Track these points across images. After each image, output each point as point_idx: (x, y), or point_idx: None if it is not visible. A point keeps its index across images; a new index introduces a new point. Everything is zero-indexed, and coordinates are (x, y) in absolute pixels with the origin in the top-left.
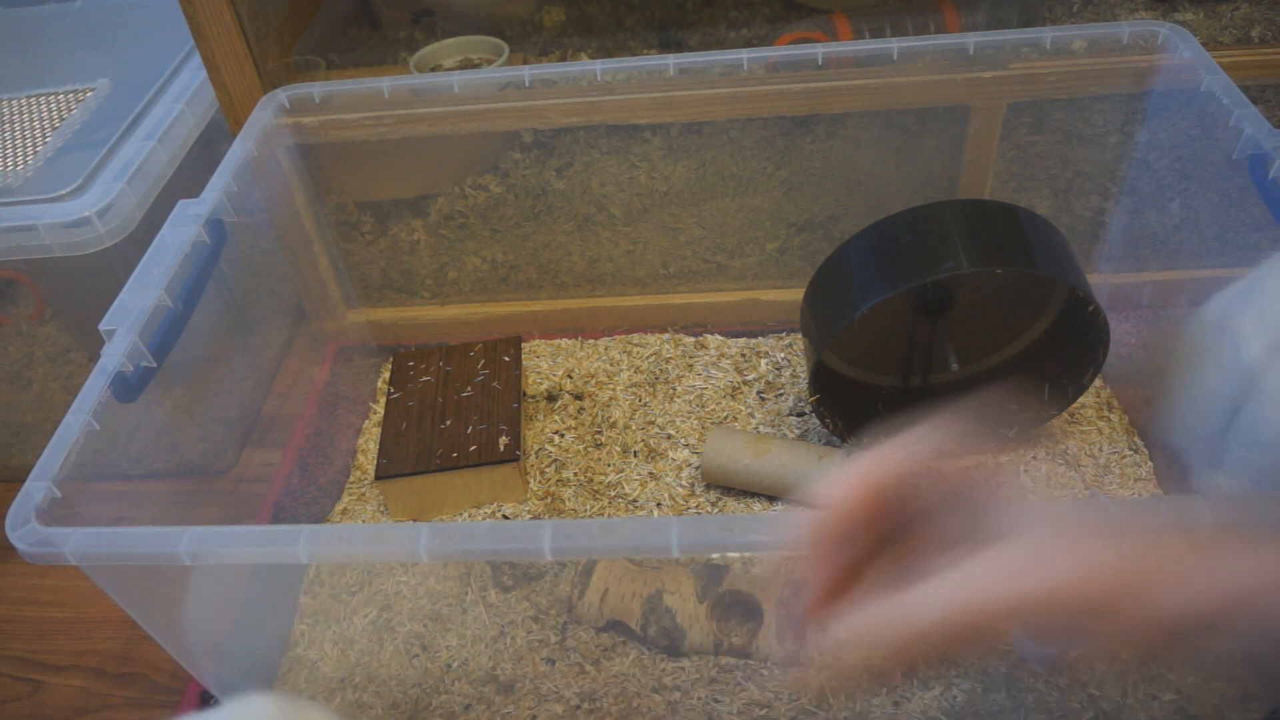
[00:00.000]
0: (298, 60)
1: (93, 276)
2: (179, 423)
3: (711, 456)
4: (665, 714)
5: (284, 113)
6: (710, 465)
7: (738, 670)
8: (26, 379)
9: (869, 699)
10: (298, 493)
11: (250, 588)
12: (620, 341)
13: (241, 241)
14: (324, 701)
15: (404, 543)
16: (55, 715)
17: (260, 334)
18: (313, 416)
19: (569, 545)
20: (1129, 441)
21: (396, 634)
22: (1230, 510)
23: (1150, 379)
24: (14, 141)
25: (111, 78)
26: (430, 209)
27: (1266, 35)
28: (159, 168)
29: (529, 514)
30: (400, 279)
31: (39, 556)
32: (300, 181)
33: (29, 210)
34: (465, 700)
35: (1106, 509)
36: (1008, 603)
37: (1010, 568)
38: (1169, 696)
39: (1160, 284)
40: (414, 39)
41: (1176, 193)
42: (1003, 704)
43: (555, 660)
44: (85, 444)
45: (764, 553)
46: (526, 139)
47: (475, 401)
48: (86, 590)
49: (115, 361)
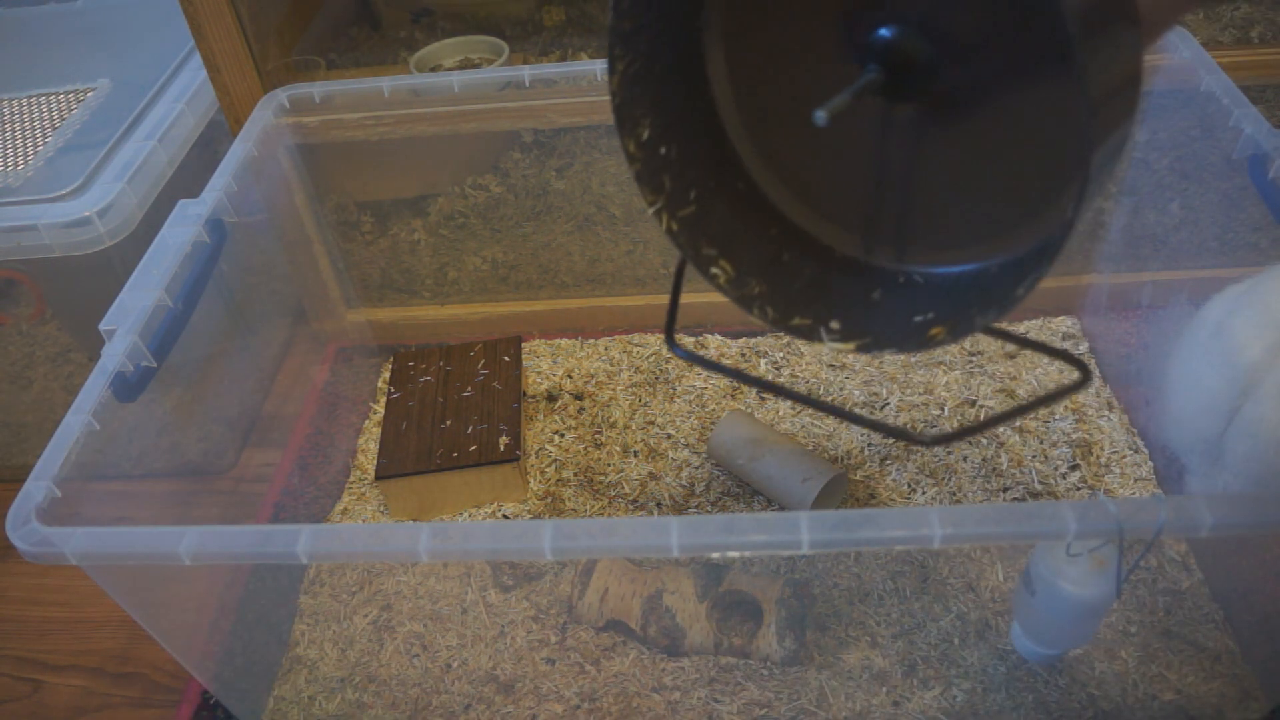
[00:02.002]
0: (298, 60)
1: (93, 276)
2: (179, 423)
3: (715, 449)
4: (665, 714)
5: (284, 113)
6: (714, 452)
7: (738, 670)
8: (26, 379)
9: (869, 699)
10: (298, 493)
11: (250, 588)
12: (620, 341)
13: (241, 241)
14: (324, 701)
15: (404, 543)
16: (55, 715)
17: (260, 334)
18: (313, 416)
19: (569, 545)
20: (1129, 441)
21: (396, 634)
22: (1230, 510)
23: (1150, 379)
24: (14, 141)
25: (111, 78)
26: (430, 209)
27: (1266, 35)
28: (159, 168)
29: (529, 514)
30: (400, 279)
31: (39, 556)
32: (300, 181)
33: (29, 210)
34: (465, 700)
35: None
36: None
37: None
38: (1169, 696)
39: (1160, 284)
40: (414, 39)
41: (1176, 193)
42: (1003, 704)
43: (555, 660)
44: (85, 444)
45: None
46: (526, 139)
47: (475, 401)
48: (86, 590)
49: (115, 361)
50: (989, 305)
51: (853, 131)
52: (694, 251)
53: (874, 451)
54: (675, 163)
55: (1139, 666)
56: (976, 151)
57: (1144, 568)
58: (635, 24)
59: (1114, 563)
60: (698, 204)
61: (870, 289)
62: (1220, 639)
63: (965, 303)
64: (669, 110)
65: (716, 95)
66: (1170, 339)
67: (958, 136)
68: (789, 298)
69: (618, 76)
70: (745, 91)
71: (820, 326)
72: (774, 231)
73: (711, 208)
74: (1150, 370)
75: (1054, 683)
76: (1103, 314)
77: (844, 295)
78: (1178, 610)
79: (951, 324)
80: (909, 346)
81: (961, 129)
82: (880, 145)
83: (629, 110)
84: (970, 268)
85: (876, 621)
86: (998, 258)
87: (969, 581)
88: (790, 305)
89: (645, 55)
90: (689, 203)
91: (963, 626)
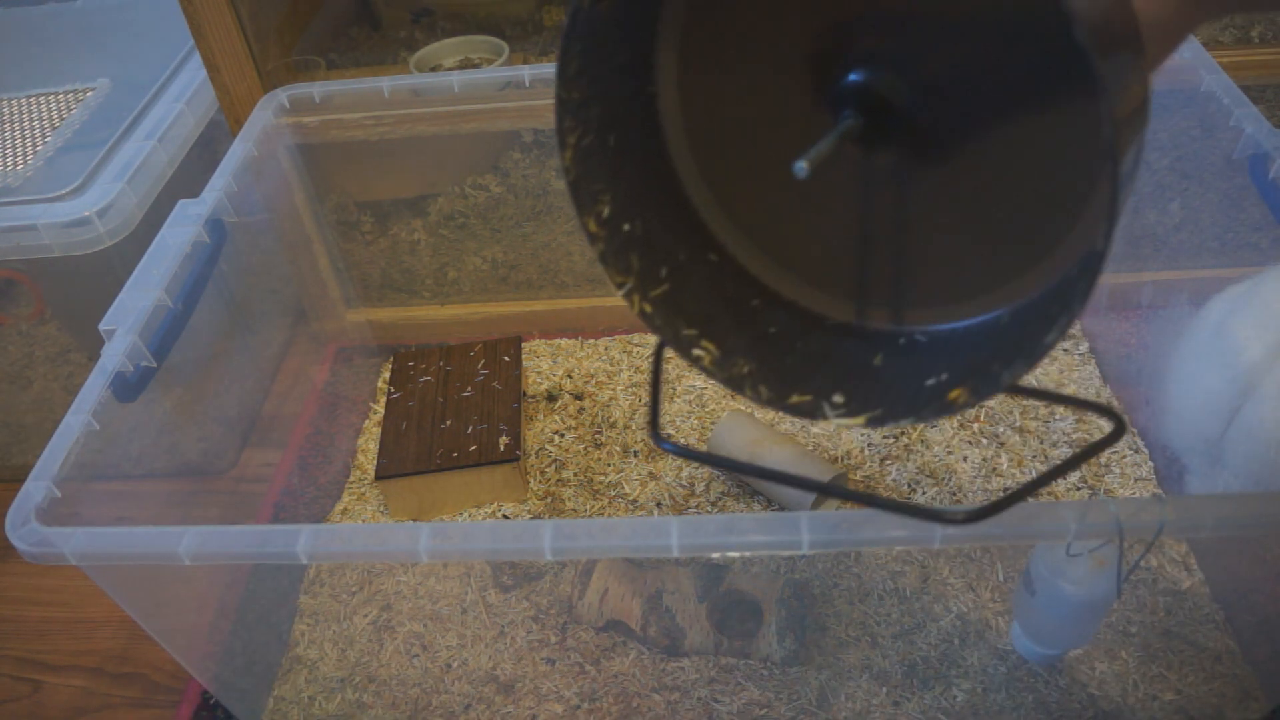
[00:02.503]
0: (298, 60)
1: (93, 276)
2: (179, 423)
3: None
4: (665, 714)
5: (284, 113)
6: (714, 452)
7: (738, 670)
8: (26, 379)
9: (869, 699)
10: (298, 493)
11: (250, 588)
12: (620, 341)
13: (241, 241)
14: (324, 701)
15: (404, 543)
16: (55, 715)
17: (260, 334)
18: (313, 416)
19: (569, 545)
20: (1129, 441)
21: (396, 634)
22: (1230, 510)
23: (1150, 379)
24: (14, 141)
25: (111, 78)
26: (430, 209)
27: (1266, 35)
28: (159, 168)
29: (529, 514)
30: (400, 279)
31: (39, 556)
32: (300, 181)
33: (29, 210)
34: (465, 700)
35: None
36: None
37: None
38: (1169, 696)
39: (1160, 284)
40: (414, 39)
41: (1176, 193)
42: (1003, 704)
43: (555, 660)
44: (85, 444)
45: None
46: (526, 139)
47: (475, 401)
48: (86, 590)
49: (115, 361)
50: (1013, 358)
51: (830, 186)
52: (673, 334)
53: (874, 451)
54: (642, 238)
55: (1139, 666)
56: (970, 192)
57: (1144, 568)
58: (585, 94)
59: (1114, 563)
60: (671, 281)
61: (870, 354)
62: (1220, 639)
63: (983, 358)
64: (630, 182)
65: (678, 163)
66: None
67: (948, 178)
68: (782, 374)
69: (570, 151)
70: (709, 156)
71: (823, 402)
72: (757, 303)
73: (686, 284)
74: (1150, 370)
75: (1054, 683)
76: (1103, 314)
77: (843, 365)
78: (1178, 610)
79: (973, 385)
80: (927, 414)
81: (952, 170)
82: (863, 197)
83: (586, 186)
84: (979, 320)
85: (876, 621)
86: (1007, 306)
87: (969, 581)
88: (785, 382)
89: (599, 126)
90: (661, 281)
91: (963, 626)
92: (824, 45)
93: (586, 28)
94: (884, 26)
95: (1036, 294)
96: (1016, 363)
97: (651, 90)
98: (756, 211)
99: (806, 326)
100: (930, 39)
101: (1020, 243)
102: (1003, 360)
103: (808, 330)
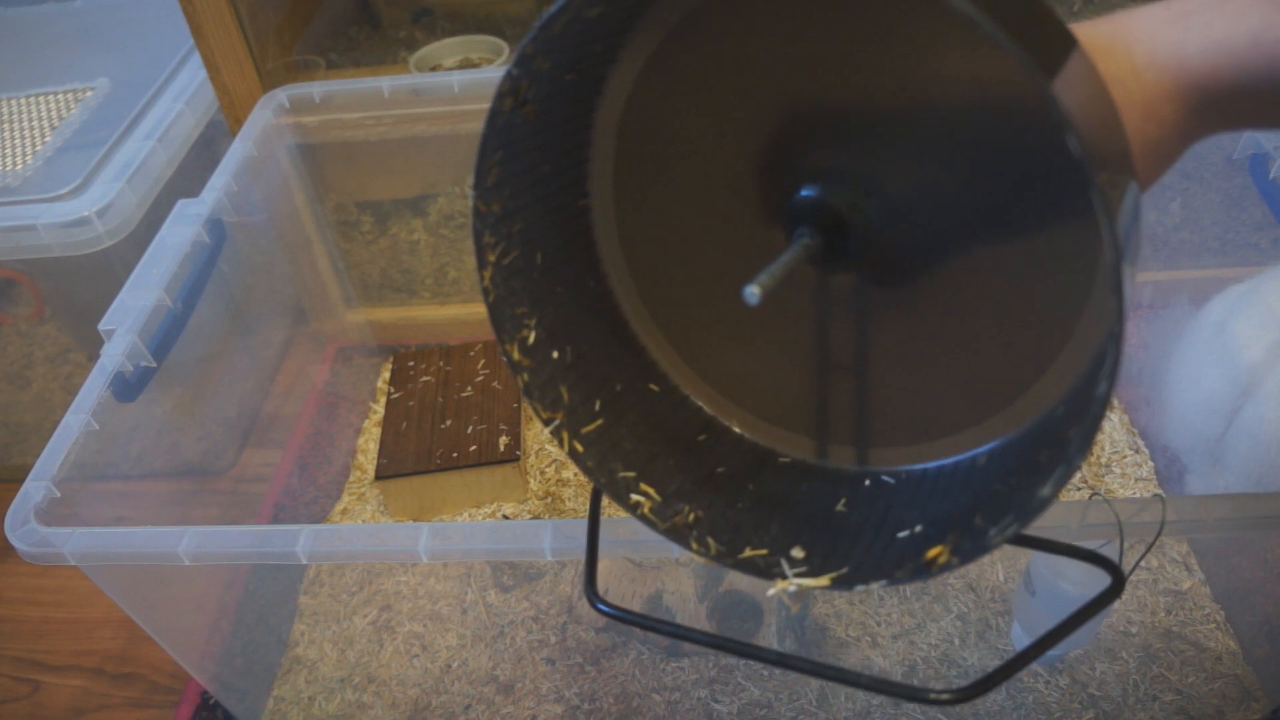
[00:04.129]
0: (298, 60)
1: (93, 276)
2: (179, 423)
3: None
4: (665, 714)
5: (284, 112)
6: None
7: (738, 670)
8: (26, 379)
9: (869, 699)
10: (298, 493)
11: (250, 588)
12: None
13: (241, 241)
14: (323, 701)
15: (404, 543)
16: (55, 715)
17: (260, 334)
18: (313, 416)
19: (569, 545)
20: (1129, 441)
21: (396, 634)
22: (1230, 510)
23: (1150, 379)
24: (14, 141)
25: (111, 77)
26: (430, 209)
27: None
28: (159, 168)
29: (529, 514)
30: (400, 279)
31: (39, 556)
32: (300, 181)
33: (29, 210)
34: (465, 700)
35: None
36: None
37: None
38: (1169, 696)
39: (1160, 284)
40: (414, 39)
41: (1177, 192)
42: (1003, 704)
43: (555, 660)
44: (85, 444)
45: None
46: None
47: (475, 401)
48: (86, 590)
49: (115, 361)
50: (1001, 513)
51: (785, 309)
52: (607, 476)
53: None
54: (573, 367)
55: (1139, 667)
56: (941, 317)
57: (1144, 568)
58: (507, 207)
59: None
60: (605, 415)
61: (833, 499)
62: (1221, 639)
63: (961, 509)
64: (560, 305)
65: (615, 284)
66: (1171, 339)
67: (915, 301)
68: (734, 523)
69: (489, 270)
70: (649, 276)
71: (780, 558)
72: (703, 439)
73: (623, 418)
74: (1151, 370)
75: (1054, 683)
76: None
77: (802, 511)
78: (1178, 610)
79: (954, 542)
80: (901, 575)
81: (919, 292)
82: (821, 321)
83: (509, 309)
84: (951, 461)
85: (876, 621)
86: (983, 445)
87: (969, 581)
88: (737, 533)
89: (523, 242)
90: (594, 415)
91: (963, 626)
92: (776, 156)
93: (507, 134)
94: (842, 134)
95: (1015, 434)
96: (1006, 519)
97: (584, 203)
98: (702, 337)
99: (759, 466)
100: (895, 151)
101: (997, 374)
102: (988, 514)
103: (760, 470)
